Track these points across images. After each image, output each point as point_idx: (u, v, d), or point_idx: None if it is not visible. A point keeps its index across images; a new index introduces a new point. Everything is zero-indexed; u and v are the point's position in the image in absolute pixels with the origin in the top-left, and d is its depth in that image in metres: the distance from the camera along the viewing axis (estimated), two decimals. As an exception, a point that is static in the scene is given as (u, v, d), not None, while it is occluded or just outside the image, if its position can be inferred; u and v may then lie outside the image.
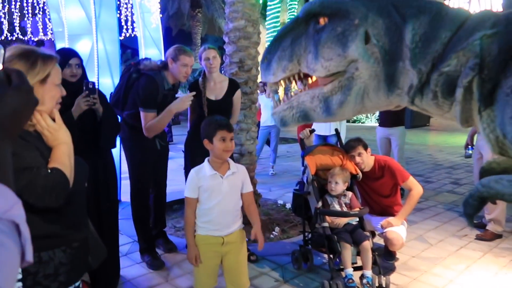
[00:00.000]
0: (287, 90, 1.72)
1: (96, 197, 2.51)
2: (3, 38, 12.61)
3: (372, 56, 1.46)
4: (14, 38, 12.57)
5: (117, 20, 4.67)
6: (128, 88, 3.06)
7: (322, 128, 5.19)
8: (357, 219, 2.92)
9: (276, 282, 2.92)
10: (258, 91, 5.42)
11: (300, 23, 1.61)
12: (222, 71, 3.93)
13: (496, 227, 3.78)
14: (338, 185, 2.92)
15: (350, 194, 2.99)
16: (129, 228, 3.52)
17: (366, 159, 3.15)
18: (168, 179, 3.53)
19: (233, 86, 3.31)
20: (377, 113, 12.27)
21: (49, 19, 6.53)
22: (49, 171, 1.22)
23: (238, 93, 3.34)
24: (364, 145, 3.17)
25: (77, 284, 1.36)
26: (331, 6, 1.53)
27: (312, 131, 3.57)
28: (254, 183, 3.97)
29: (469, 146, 4.22)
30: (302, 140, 3.45)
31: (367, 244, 2.74)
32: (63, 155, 1.29)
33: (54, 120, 1.32)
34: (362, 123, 16.76)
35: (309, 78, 1.66)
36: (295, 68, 1.61)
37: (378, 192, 3.23)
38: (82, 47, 4.10)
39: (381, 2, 1.48)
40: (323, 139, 5.22)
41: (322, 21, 1.53)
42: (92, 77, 3.97)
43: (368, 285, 2.63)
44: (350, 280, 2.63)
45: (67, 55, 2.41)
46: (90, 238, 1.46)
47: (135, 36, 7.28)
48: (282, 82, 1.69)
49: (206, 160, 2.18)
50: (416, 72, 1.42)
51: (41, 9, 11.71)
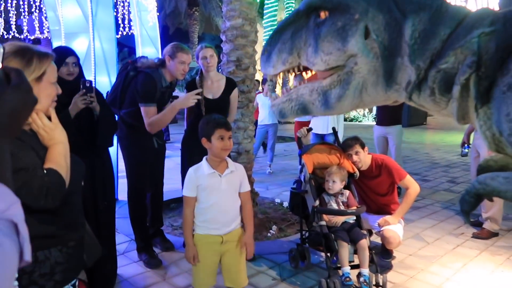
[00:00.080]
0: (286, 83, 1.73)
1: (93, 196, 2.50)
2: (-1, 37, 12.56)
3: (372, 51, 1.47)
4: (11, 37, 12.51)
5: (114, 18, 4.65)
6: (126, 87, 3.04)
7: (320, 127, 5.19)
8: (354, 218, 2.93)
9: (274, 281, 2.92)
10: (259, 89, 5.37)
11: (301, 16, 1.62)
12: (220, 70, 3.92)
13: (493, 226, 3.80)
14: (336, 184, 2.92)
15: (347, 193, 2.99)
16: (126, 227, 3.51)
17: (363, 158, 3.15)
18: (165, 178, 3.53)
19: (231, 85, 3.30)
20: (375, 112, 12.31)
21: (46, 17, 6.49)
22: (45, 172, 1.20)
23: (235, 92, 3.34)
24: (362, 144, 3.17)
25: (73, 283, 1.35)
26: (332, 0, 1.53)
27: (310, 130, 3.56)
28: (252, 182, 3.97)
29: (466, 145, 4.24)
30: (300, 139, 3.46)
31: (364, 243, 2.75)
32: (59, 155, 1.28)
33: (50, 119, 1.30)
34: (360, 122, 16.76)
35: (309, 71, 1.66)
36: (295, 61, 1.61)
37: (375, 191, 3.23)
38: (79, 46, 4.08)
39: None
40: (321, 138, 5.22)
41: (323, 15, 1.54)
42: (89, 76, 3.96)
43: (365, 283, 2.64)
44: (347, 278, 2.64)
45: (64, 54, 2.40)
46: (85, 237, 1.45)
47: (132, 35, 7.26)
48: (282, 75, 1.69)
49: (204, 159, 2.17)
50: (415, 68, 1.42)
51: (38, 7, 11.67)
